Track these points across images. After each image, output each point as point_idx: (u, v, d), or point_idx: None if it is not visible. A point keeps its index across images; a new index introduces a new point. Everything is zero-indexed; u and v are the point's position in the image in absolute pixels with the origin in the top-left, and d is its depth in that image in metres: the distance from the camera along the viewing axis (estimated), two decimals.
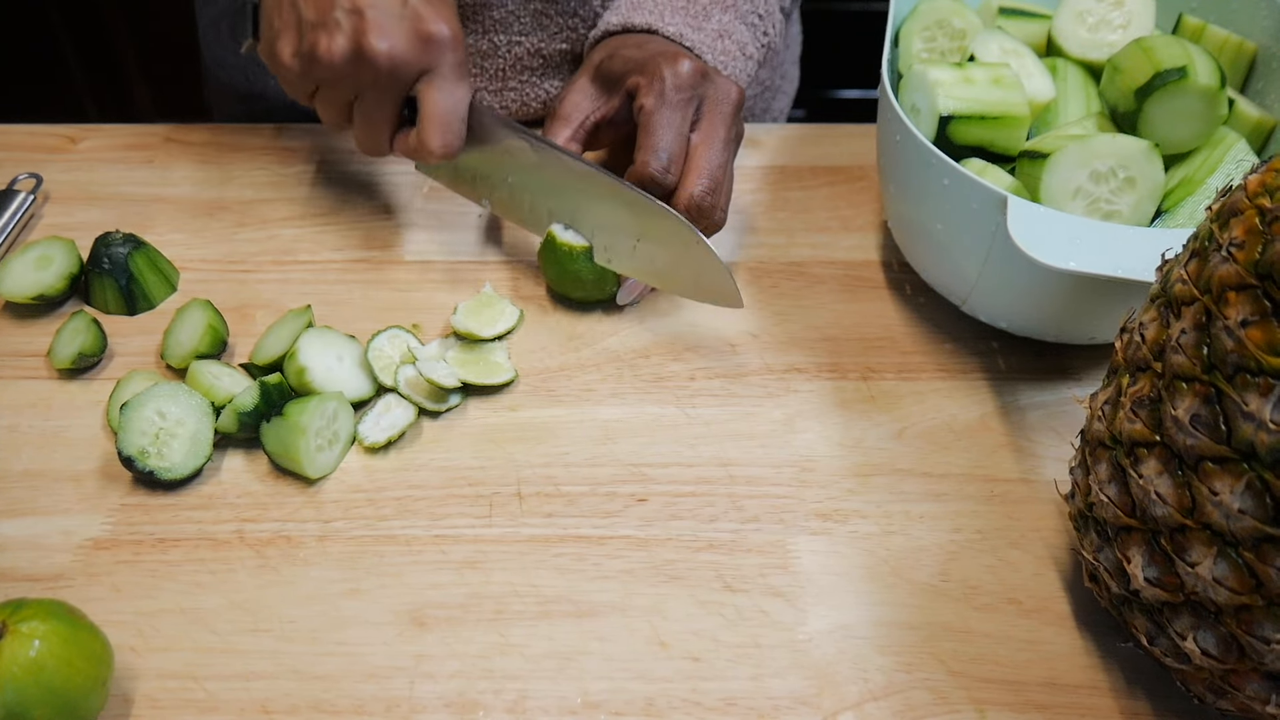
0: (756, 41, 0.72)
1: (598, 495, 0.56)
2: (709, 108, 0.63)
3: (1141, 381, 0.44)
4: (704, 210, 0.62)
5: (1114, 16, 0.65)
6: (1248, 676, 0.42)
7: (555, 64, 0.77)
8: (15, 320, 0.65)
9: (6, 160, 0.75)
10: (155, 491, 0.56)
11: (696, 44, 0.67)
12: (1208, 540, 0.40)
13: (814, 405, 0.61)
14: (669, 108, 0.61)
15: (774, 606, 0.52)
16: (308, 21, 0.60)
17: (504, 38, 0.75)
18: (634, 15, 0.68)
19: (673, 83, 0.62)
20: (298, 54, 0.61)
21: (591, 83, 0.67)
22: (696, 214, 0.61)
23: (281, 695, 0.48)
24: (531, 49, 0.76)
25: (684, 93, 0.62)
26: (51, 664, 0.43)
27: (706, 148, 0.62)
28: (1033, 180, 0.58)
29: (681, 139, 0.62)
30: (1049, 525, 0.56)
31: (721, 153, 0.62)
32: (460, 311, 0.63)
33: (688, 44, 0.67)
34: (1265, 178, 0.39)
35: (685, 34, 0.67)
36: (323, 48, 0.59)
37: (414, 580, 0.53)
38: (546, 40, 0.76)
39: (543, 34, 0.75)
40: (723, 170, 0.62)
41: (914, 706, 0.49)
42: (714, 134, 0.63)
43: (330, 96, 0.62)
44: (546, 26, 0.75)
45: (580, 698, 0.49)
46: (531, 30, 0.75)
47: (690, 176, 0.62)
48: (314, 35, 0.59)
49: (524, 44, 0.75)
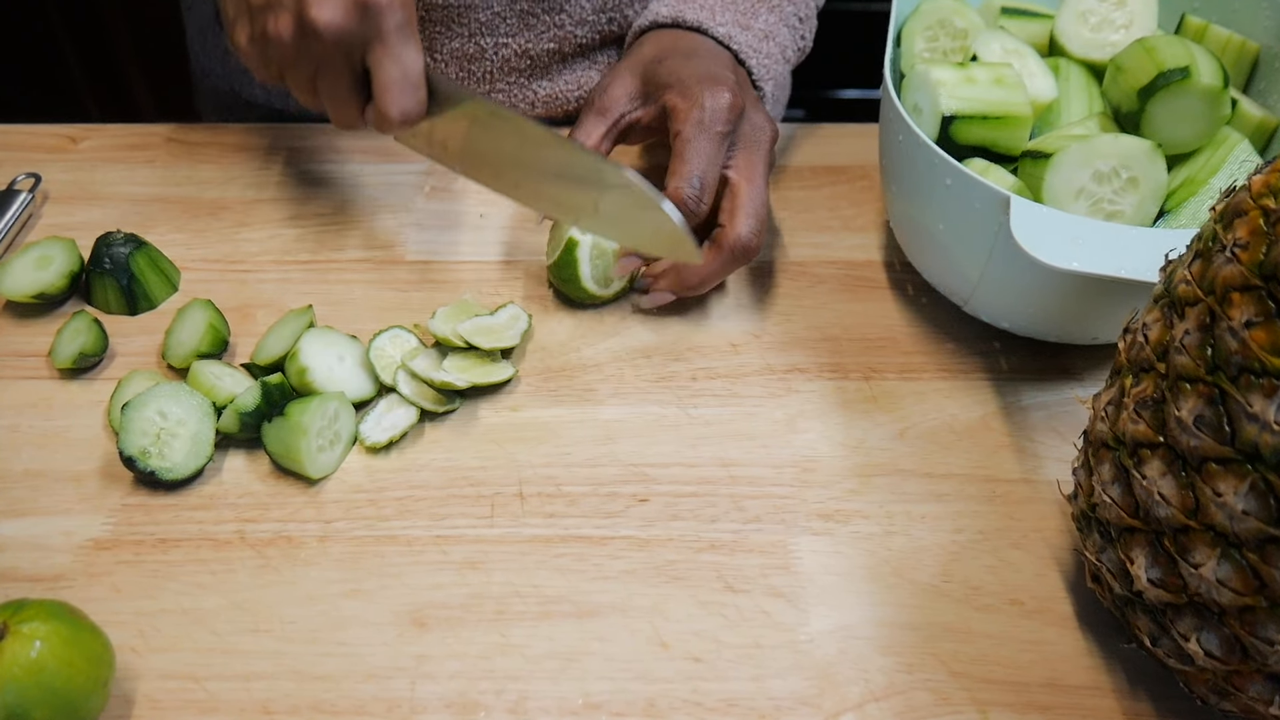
0: (795, 45, 0.72)
1: (599, 495, 0.56)
2: (746, 144, 0.63)
3: (1145, 382, 0.44)
4: (750, 251, 0.62)
5: (1116, 16, 0.65)
6: (1251, 678, 0.42)
7: (543, 65, 0.77)
8: (16, 320, 0.65)
9: (6, 160, 0.75)
10: (156, 492, 0.56)
11: (742, 46, 0.67)
12: (1211, 541, 0.40)
13: (815, 405, 0.61)
14: (705, 138, 0.61)
15: (775, 607, 0.52)
16: (255, 6, 0.60)
17: (490, 40, 0.75)
18: (685, 10, 0.68)
19: (711, 114, 0.61)
20: (252, 39, 0.60)
21: (634, 80, 0.66)
22: (743, 254, 0.62)
23: (282, 696, 0.48)
24: (519, 50, 0.76)
25: (720, 125, 0.62)
26: (52, 665, 0.43)
27: (749, 185, 0.62)
28: (1035, 180, 0.58)
29: (715, 169, 0.62)
30: (1051, 526, 0.56)
31: (763, 190, 0.63)
32: (438, 316, 0.62)
33: (734, 46, 0.67)
34: (1269, 178, 0.39)
35: (733, 35, 0.67)
36: (271, 28, 0.59)
37: (415, 580, 0.53)
38: (533, 41, 0.76)
39: (530, 34, 0.75)
40: (765, 208, 0.63)
41: (915, 707, 0.48)
42: (755, 171, 0.63)
43: (294, 77, 0.61)
44: (534, 27, 0.75)
45: (581, 698, 0.49)
46: (518, 31, 0.75)
47: (739, 216, 0.61)
48: (263, 18, 0.59)
49: (511, 45, 0.75)
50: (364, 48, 0.59)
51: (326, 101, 0.62)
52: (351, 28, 0.58)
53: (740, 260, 0.62)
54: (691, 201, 0.61)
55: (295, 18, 0.58)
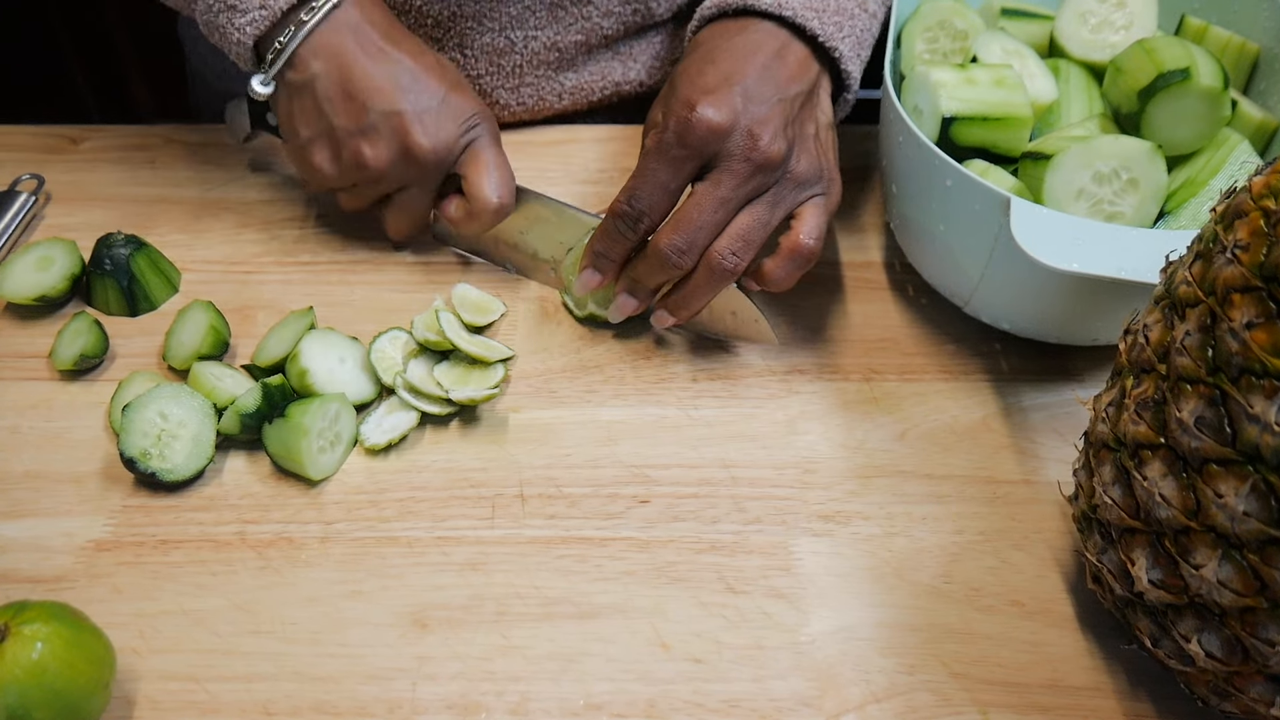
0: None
1: (600, 497, 0.56)
2: (721, 162, 0.57)
3: (1145, 383, 0.44)
4: (667, 260, 0.57)
5: (1116, 17, 0.65)
6: (1251, 679, 0.42)
7: (570, 57, 0.77)
8: (17, 321, 0.65)
9: (8, 161, 0.75)
10: (157, 493, 0.56)
11: (798, 10, 0.60)
12: (1212, 542, 0.40)
13: (816, 406, 0.61)
14: (657, 157, 0.57)
15: (776, 608, 0.52)
16: (342, 129, 0.61)
17: (520, 34, 0.75)
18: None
19: (675, 134, 0.56)
20: (337, 161, 0.62)
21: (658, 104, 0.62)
22: (659, 262, 0.57)
23: (283, 697, 0.48)
24: (548, 43, 0.76)
25: (679, 149, 0.56)
26: (54, 666, 0.43)
27: (694, 199, 0.57)
28: (1035, 181, 0.58)
29: (662, 192, 0.57)
30: (1052, 527, 0.56)
31: (712, 210, 0.56)
32: (417, 325, 0.62)
33: (787, 13, 0.60)
34: (1270, 179, 0.39)
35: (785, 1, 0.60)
36: (369, 156, 0.61)
37: (416, 582, 0.53)
38: (562, 33, 0.75)
39: (558, 27, 0.75)
40: (703, 228, 0.57)
41: (916, 708, 0.48)
42: (711, 190, 0.57)
43: (367, 193, 0.64)
44: (562, 19, 0.75)
45: (582, 699, 0.49)
46: (547, 24, 0.75)
47: (665, 224, 0.58)
48: (355, 144, 0.61)
49: (540, 38, 0.75)
50: (455, 162, 0.63)
51: (400, 214, 0.65)
52: (454, 148, 0.62)
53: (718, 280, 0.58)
54: (625, 217, 0.58)
55: (397, 145, 0.61)
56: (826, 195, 0.60)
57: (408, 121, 0.60)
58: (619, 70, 0.79)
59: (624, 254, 0.60)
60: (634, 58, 0.80)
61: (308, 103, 0.61)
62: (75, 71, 1.57)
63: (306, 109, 0.61)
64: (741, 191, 0.57)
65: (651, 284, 0.60)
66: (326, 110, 0.60)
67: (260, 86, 0.62)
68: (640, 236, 0.59)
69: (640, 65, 0.80)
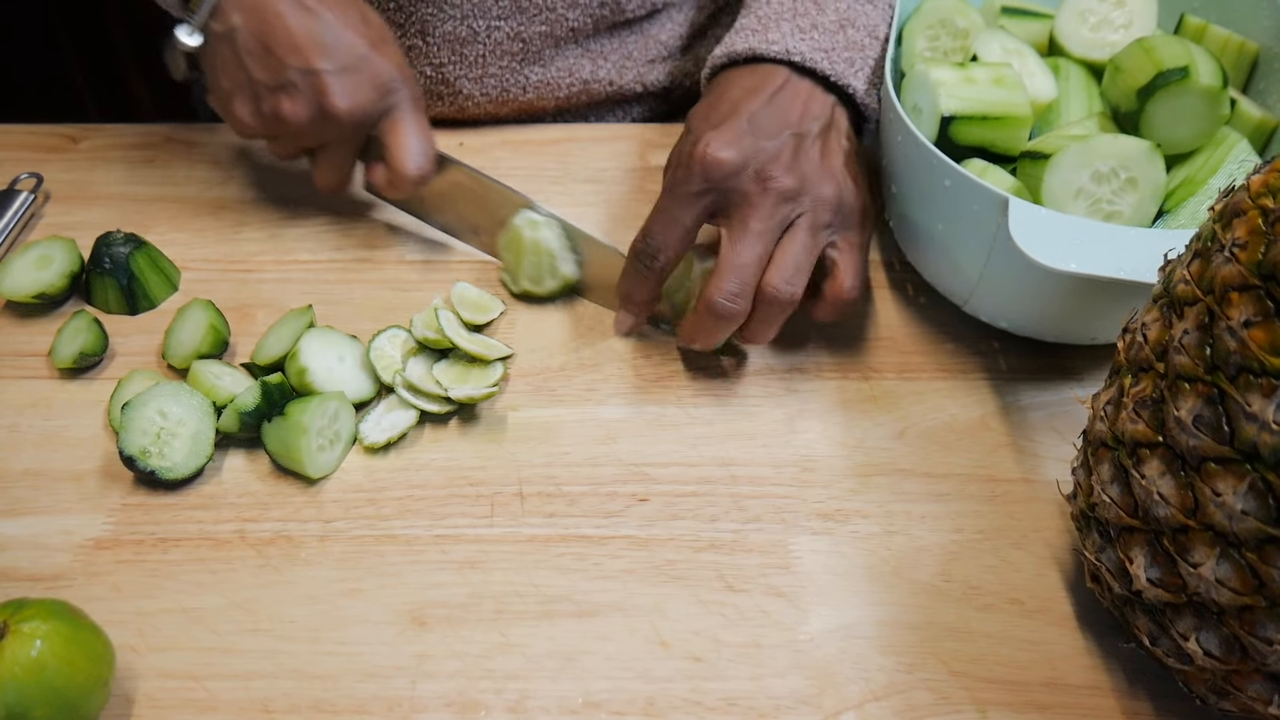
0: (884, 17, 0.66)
1: (599, 495, 0.56)
2: (739, 200, 0.56)
3: (1144, 382, 0.44)
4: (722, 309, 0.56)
5: (1116, 16, 0.65)
6: (1250, 677, 0.42)
7: (535, 49, 0.76)
8: (16, 320, 0.65)
9: (7, 160, 0.75)
10: (156, 491, 0.56)
11: (806, 55, 0.61)
12: (1210, 541, 0.40)
13: (815, 405, 0.61)
14: (669, 194, 0.57)
15: (775, 606, 0.52)
16: (262, 83, 0.61)
17: (482, 22, 0.74)
18: (736, 42, 0.63)
19: (685, 171, 0.57)
20: (258, 114, 0.62)
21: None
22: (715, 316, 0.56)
23: (282, 695, 0.48)
24: (511, 33, 0.75)
25: (694, 185, 0.56)
26: (53, 664, 0.43)
27: (726, 245, 0.57)
28: (1034, 181, 0.58)
29: (676, 229, 0.57)
30: (1050, 525, 0.56)
31: (749, 246, 0.56)
32: (416, 323, 0.62)
33: (795, 58, 0.60)
34: (1268, 178, 0.39)
35: (792, 47, 0.61)
36: (286, 110, 0.61)
37: (415, 580, 0.53)
38: (525, 24, 0.75)
39: (522, 17, 0.75)
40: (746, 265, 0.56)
41: (915, 706, 0.48)
42: (740, 230, 0.56)
43: (290, 144, 0.65)
44: (525, 10, 0.74)
45: (581, 697, 0.49)
46: (510, 14, 0.74)
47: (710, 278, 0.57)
48: (274, 99, 0.61)
49: (503, 28, 0.75)
50: (376, 124, 0.63)
51: (325, 168, 0.66)
52: (371, 109, 0.62)
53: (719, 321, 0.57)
54: (640, 254, 0.58)
55: (313, 104, 0.61)
56: (861, 229, 0.59)
57: (325, 82, 0.60)
58: (588, 68, 0.79)
59: (649, 294, 0.60)
60: (604, 56, 0.79)
61: (228, 54, 0.61)
62: (75, 71, 1.57)
63: (227, 60, 0.61)
64: (771, 223, 0.56)
65: (714, 343, 0.59)
66: (246, 63, 0.60)
67: (186, 37, 0.62)
68: (658, 274, 0.59)
69: (610, 64, 0.80)
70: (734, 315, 0.56)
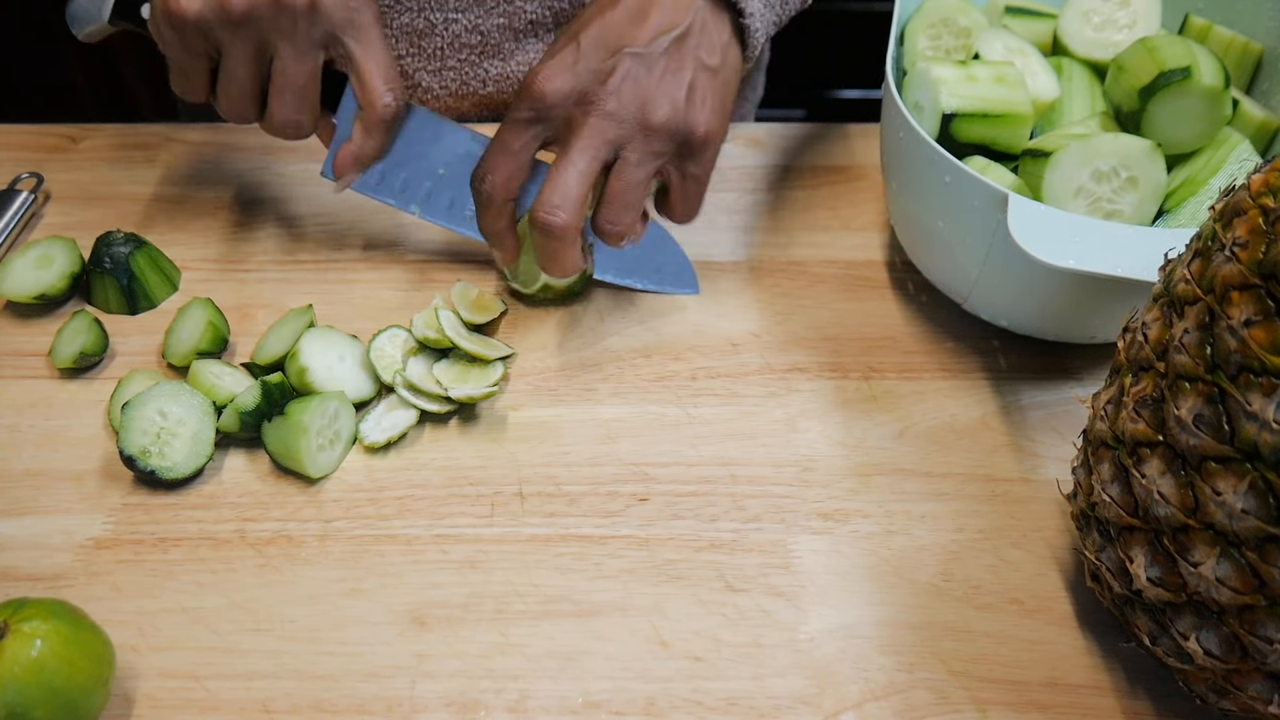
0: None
1: (599, 495, 0.56)
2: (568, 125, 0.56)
3: (1144, 381, 0.44)
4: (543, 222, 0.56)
5: (1119, 16, 0.65)
6: (1250, 677, 0.42)
7: (495, 42, 0.76)
8: (16, 320, 0.65)
9: (7, 160, 0.75)
10: (156, 491, 0.56)
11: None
12: (1210, 540, 0.40)
13: (815, 405, 0.61)
14: (505, 124, 0.57)
15: (775, 606, 0.52)
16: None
17: (440, 15, 0.74)
18: None
19: (515, 100, 0.56)
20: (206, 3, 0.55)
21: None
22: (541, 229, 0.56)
23: (282, 695, 0.48)
24: (469, 25, 0.75)
25: (522, 113, 0.56)
26: (53, 664, 0.43)
27: (553, 167, 0.56)
28: (1035, 179, 0.58)
29: (502, 152, 0.57)
30: (1051, 525, 0.56)
31: (567, 165, 0.55)
32: (416, 323, 0.62)
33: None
34: (1269, 177, 0.39)
35: None
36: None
37: (415, 580, 0.53)
38: (484, 16, 0.74)
39: (480, 10, 0.74)
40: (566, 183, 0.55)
41: (915, 706, 0.48)
42: (562, 154, 0.56)
43: (238, 59, 0.57)
44: (483, 2, 0.74)
45: (581, 697, 0.49)
46: (468, 6, 0.74)
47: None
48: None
49: (461, 21, 0.74)
50: (331, 38, 0.57)
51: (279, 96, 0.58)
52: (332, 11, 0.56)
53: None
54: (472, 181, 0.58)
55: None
56: (699, 157, 0.58)
57: None
58: None
59: (492, 223, 0.59)
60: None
61: None
62: (75, 71, 1.57)
63: None
64: (594, 144, 0.55)
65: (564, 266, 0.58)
66: None
67: None
68: (487, 198, 0.58)
69: None
70: (553, 227, 0.55)
